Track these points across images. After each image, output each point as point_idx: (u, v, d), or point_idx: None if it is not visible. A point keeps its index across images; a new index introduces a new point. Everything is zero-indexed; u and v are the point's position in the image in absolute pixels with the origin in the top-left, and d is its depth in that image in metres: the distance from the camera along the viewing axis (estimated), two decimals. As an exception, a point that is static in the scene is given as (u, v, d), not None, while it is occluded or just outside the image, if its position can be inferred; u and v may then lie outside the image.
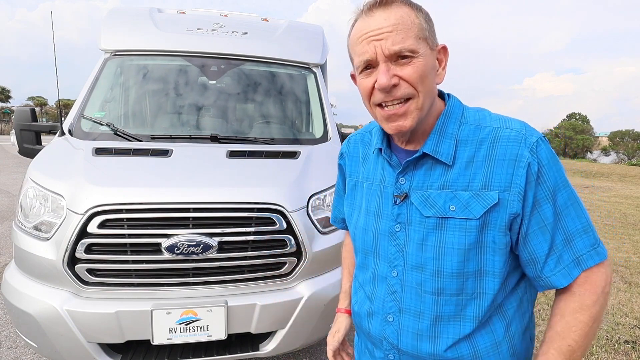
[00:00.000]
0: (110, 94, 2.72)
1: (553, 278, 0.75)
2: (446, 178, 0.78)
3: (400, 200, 0.82)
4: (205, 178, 1.94)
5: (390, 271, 0.85)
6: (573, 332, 0.74)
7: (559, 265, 0.75)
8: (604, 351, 2.67)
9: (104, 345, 1.76)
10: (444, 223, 0.77)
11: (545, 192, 0.73)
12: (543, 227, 0.74)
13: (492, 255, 0.76)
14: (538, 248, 0.75)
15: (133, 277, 1.73)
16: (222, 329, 1.75)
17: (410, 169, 0.83)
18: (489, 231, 0.75)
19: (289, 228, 1.84)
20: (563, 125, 49.62)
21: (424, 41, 0.74)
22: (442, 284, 0.78)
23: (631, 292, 3.76)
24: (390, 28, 0.71)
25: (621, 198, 10.38)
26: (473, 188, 0.76)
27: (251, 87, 2.90)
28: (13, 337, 2.66)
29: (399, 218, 0.83)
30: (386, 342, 0.87)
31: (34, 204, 1.84)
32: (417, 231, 0.80)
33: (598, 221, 7.10)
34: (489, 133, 0.77)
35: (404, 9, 0.74)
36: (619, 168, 21.56)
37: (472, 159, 0.77)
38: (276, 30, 3.13)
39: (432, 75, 0.76)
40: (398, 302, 0.84)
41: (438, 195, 0.78)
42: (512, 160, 0.73)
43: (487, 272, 0.77)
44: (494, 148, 0.75)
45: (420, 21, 0.74)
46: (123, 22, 2.96)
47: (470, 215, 0.75)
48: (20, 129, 2.55)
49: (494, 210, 0.74)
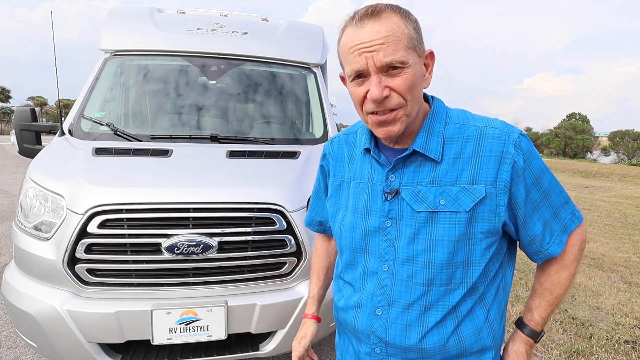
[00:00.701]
0: (110, 94, 2.72)
1: (551, 249, 0.87)
2: (435, 174, 0.83)
3: (391, 197, 0.86)
4: (205, 178, 1.94)
5: (381, 266, 0.88)
6: (558, 287, 0.88)
7: (552, 236, 0.86)
8: (604, 351, 2.67)
9: (104, 345, 1.76)
10: (434, 217, 0.82)
11: (533, 180, 0.82)
12: (535, 209, 0.84)
13: (479, 245, 0.82)
14: (535, 229, 0.85)
15: (133, 277, 1.73)
16: (222, 329, 1.75)
17: (400, 166, 0.86)
18: (477, 223, 0.81)
19: (289, 228, 1.84)
20: (563, 125, 49.63)
21: (413, 50, 0.77)
22: (433, 275, 0.83)
23: (631, 292, 3.77)
24: (382, 40, 0.74)
25: (621, 198, 10.38)
26: (461, 183, 0.81)
27: (251, 87, 2.90)
28: (13, 337, 2.66)
29: (389, 214, 0.86)
30: (373, 336, 0.90)
31: (34, 204, 1.84)
32: (409, 225, 0.84)
33: (598, 221, 7.10)
34: (474, 131, 0.83)
35: (394, 18, 0.76)
36: (619, 168, 21.56)
37: (459, 155, 0.82)
38: (276, 30, 3.13)
39: (419, 83, 0.80)
40: (387, 295, 0.87)
41: (428, 190, 0.83)
42: (498, 157, 0.80)
43: (474, 261, 0.83)
44: (480, 145, 0.81)
45: (409, 31, 0.77)
46: (123, 22, 2.96)
47: (460, 208, 0.80)
48: (20, 129, 2.55)
49: (482, 203, 0.80)
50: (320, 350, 2.63)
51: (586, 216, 7.51)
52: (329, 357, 2.57)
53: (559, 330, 2.95)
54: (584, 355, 2.63)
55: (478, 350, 0.88)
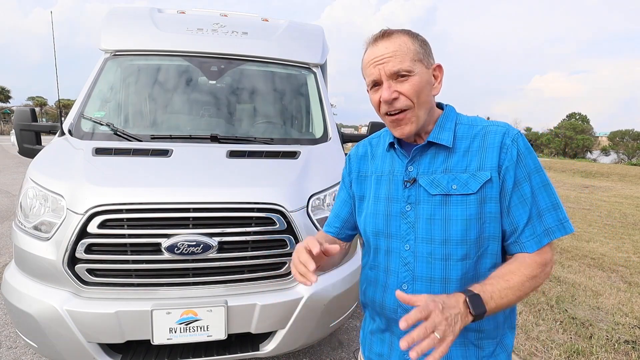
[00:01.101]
0: (110, 94, 2.72)
1: (527, 244, 0.92)
2: (448, 163, 0.96)
3: (410, 184, 0.99)
4: (205, 178, 1.94)
5: (403, 245, 0.99)
6: (514, 276, 0.88)
7: (533, 234, 0.91)
8: (604, 351, 2.67)
9: (104, 345, 1.76)
10: (448, 199, 0.94)
11: (524, 173, 0.92)
12: (523, 201, 0.91)
13: (490, 223, 0.92)
14: (519, 219, 0.92)
15: (133, 277, 1.73)
16: (222, 329, 1.75)
17: (417, 158, 1.00)
18: (487, 204, 0.92)
19: (289, 228, 1.84)
20: (563, 125, 49.60)
21: (419, 62, 0.93)
22: (449, 250, 0.93)
23: (631, 292, 3.77)
24: (391, 54, 0.92)
25: (621, 198, 10.38)
26: (470, 170, 0.94)
27: (251, 87, 2.90)
28: (13, 337, 2.66)
29: (409, 199, 0.99)
30: (401, 310, 0.99)
31: (34, 204, 1.84)
32: (426, 208, 0.96)
33: (598, 221, 7.10)
34: (481, 130, 0.97)
35: (402, 38, 0.94)
36: (619, 168, 21.54)
37: (469, 149, 0.96)
38: (276, 30, 3.13)
39: (427, 89, 0.95)
40: (411, 271, 0.98)
41: (442, 177, 0.96)
42: (498, 147, 0.93)
43: (487, 237, 0.93)
44: (485, 139, 0.95)
45: (415, 47, 0.93)
46: (123, 22, 2.96)
47: (469, 190, 0.92)
48: (20, 129, 2.55)
49: (488, 185, 0.91)
50: (320, 350, 2.64)
51: (586, 216, 7.51)
52: (329, 357, 2.57)
53: (558, 330, 2.95)
54: (584, 355, 2.63)
55: (494, 327, 0.97)
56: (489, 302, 0.82)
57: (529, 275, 0.88)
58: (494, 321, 0.97)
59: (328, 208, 2.04)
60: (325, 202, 2.04)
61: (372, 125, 3.02)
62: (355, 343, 2.75)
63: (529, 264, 0.90)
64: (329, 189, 2.07)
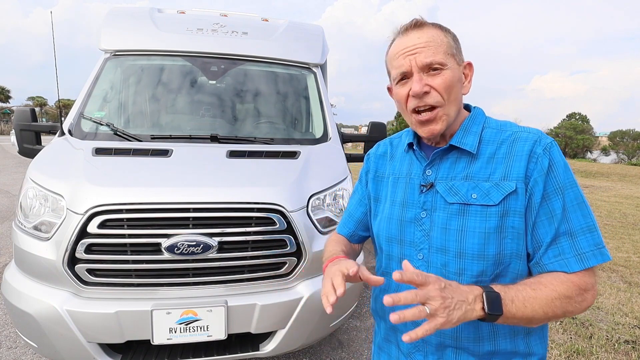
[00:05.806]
0: (110, 94, 2.72)
1: (550, 266, 0.81)
2: (469, 170, 0.88)
3: (426, 189, 0.92)
4: (205, 178, 1.94)
5: (416, 254, 0.92)
6: (545, 288, 0.77)
7: (558, 257, 0.80)
8: (604, 351, 2.67)
9: (104, 345, 1.76)
10: (466, 209, 0.85)
11: (555, 187, 0.81)
12: (550, 218, 0.81)
13: (512, 239, 0.83)
14: (543, 237, 0.81)
15: (133, 277, 1.73)
16: (222, 329, 1.75)
17: (437, 162, 0.93)
18: (509, 217, 0.82)
19: (289, 228, 1.84)
20: (563, 125, 49.60)
21: (452, 57, 0.87)
22: (464, 264, 0.85)
23: (631, 292, 3.77)
24: (423, 44, 0.85)
25: (621, 198, 10.38)
26: (494, 179, 0.85)
27: (251, 87, 2.90)
28: (13, 337, 2.66)
29: (425, 205, 0.92)
30: (410, 322, 0.92)
31: (34, 204, 1.84)
32: (441, 217, 0.89)
33: (598, 221, 7.10)
34: (510, 135, 0.88)
35: (435, 30, 0.87)
36: (619, 168, 21.54)
37: (494, 156, 0.87)
38: (276, 30, 3.13)
39: (458, 87, 0.88)
40: None
41: (461, 184, 0.87)
42: (527, 155, 0.83)
43: (508, 254, 0.83)
44: (513, 146, 0.86)
45: (448, 40, 0.87)
46: (123, 22, 2.95)
47: (490, 202, 0.83)
48: (20, 129, 2.55)
49: (512, 197, 0.82)
50: (320, 350, 2.64)
51: (586, 216, 7.50)
52: (329, 357, 2.57)
53: (559, 330, 2.95)
54: (584, 355, 2.63)
55: (511, 351, 0.89)
56: (508, 305, 0.75)
57: (561, 293, 0.76)
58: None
59: (328, 208, 2.04)
60: (325, 202, 2.04)
61: (372, 125, 3.02)
62: (355, 343, 2.75)
63: (564, 281, 0.78)
64: (329, 189, 2.07)
